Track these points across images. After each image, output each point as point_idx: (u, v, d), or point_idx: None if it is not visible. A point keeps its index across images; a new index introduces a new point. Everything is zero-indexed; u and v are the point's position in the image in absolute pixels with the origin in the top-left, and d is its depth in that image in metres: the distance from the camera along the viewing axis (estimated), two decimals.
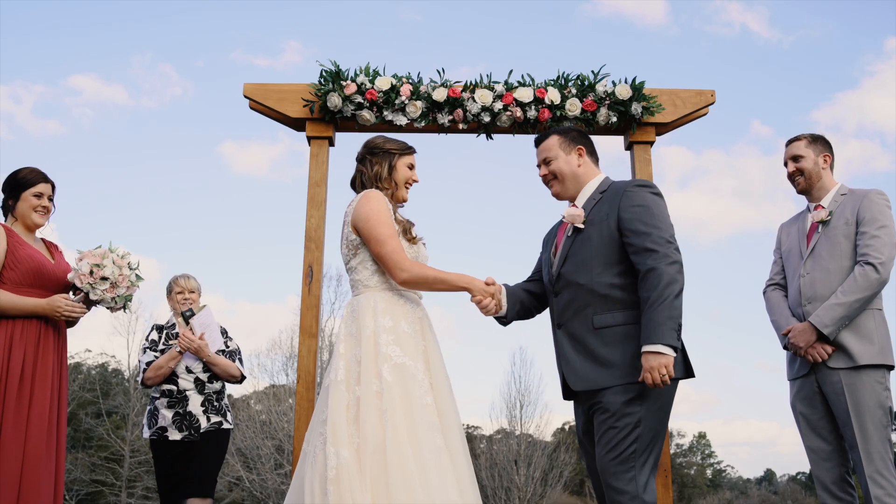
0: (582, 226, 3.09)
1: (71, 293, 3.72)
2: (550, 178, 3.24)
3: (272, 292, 48.18)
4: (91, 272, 3.61)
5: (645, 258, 2.90)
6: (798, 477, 45.61)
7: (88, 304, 3.69)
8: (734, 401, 59.40)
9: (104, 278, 3.62)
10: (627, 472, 2.82)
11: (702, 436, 48.41)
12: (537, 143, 3.31)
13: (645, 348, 2.80)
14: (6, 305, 3.50)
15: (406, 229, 3.19)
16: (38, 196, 3.69)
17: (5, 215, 3.77)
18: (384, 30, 48.12)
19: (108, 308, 3.75)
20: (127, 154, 43.80)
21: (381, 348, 2.93)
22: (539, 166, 3.29)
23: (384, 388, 2.86)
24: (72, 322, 3.80)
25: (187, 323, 4.56)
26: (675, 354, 2.80)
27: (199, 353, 4.47)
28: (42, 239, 3.86)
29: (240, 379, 4.67)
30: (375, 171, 3.23)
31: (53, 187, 3.77)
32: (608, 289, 2.98)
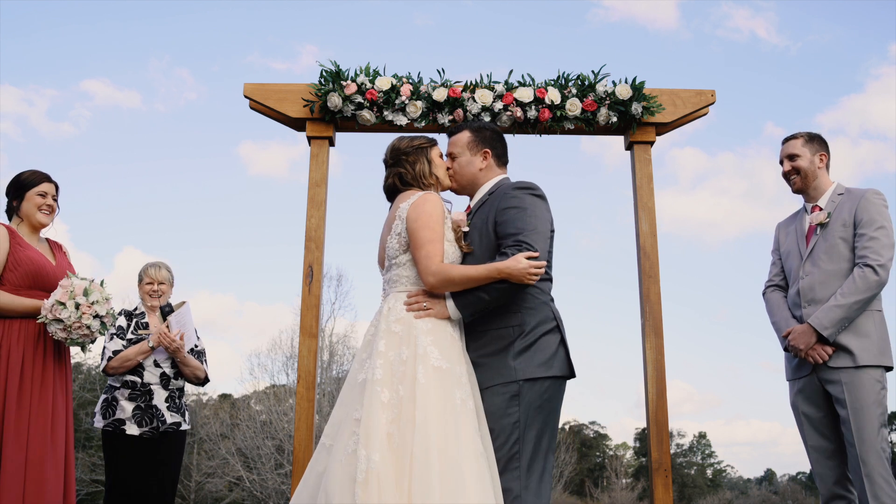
0: (466, 229, 3.07)
1: None
2: (452, 174, 3.21)
3: (282, 293, 48.27)
4: (52, 307, 3.48)
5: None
6: (798, 477, 45.58)
7: None
8: (736, 401, 59.48)
9: (58, 319, 3.48)
10: (513, 472, 2.81)
11: (702, 436, 48.47)
12: (449, 133, 3.26)
13: None
14: (6, 306, 3.51)
15: (460, 237, 3.11)
16: (43, 195, 3.71)
17: (10, 218, 3.78)
18: (399, 34, 48.26)
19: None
20: (140, 155, 44.06)
21: (419, 349, 2.86)
22: (447, 156, 3.24)
23: (419, 391, 2.77)
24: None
25: (164, 318, 4.34)
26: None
27: (176, 354, 4.30)
28: (47, 239, 3.87)
29: (204, 381, 4.55)
30: (418, 169, 3.13)
31: (57, 188, 3.79)
32: None
